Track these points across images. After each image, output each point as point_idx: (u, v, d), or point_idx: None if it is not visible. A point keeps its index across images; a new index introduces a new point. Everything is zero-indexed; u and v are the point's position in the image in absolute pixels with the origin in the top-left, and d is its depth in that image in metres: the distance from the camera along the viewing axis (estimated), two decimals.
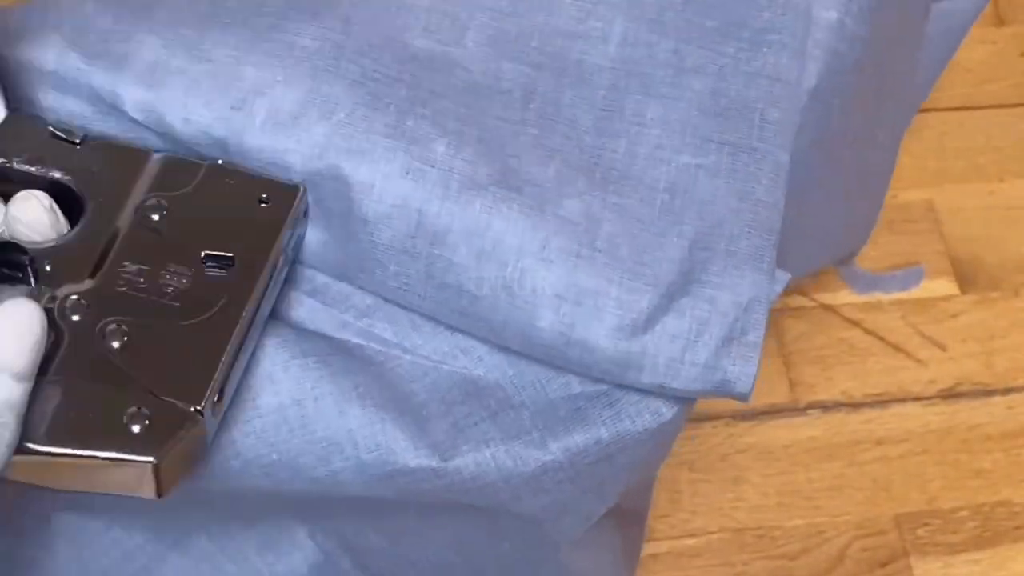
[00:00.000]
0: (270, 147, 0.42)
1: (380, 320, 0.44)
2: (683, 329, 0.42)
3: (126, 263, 0.39)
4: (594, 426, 0.43)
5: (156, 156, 0.42)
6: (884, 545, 0.76)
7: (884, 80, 0.56)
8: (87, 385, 0.36)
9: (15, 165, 0.40)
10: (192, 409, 0.36)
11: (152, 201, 0.40)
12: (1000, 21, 0.97)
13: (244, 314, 0.38)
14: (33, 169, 0.40)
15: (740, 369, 0.42)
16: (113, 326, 0.37)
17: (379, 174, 0.41)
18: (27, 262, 0.38)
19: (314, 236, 0.43)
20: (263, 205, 0.41)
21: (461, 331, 0.44)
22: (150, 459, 0.35)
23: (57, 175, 0.40)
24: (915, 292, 0.85)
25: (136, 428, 0.35)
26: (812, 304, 0.84)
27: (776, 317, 0.83)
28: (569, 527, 0.48)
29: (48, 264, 0.38)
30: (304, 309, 0.44)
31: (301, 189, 0.41)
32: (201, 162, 0.42)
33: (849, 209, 0.67)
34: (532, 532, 0.48)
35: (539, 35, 0.45)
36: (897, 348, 0.83)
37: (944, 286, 0.85)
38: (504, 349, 0.44)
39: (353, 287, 0.44)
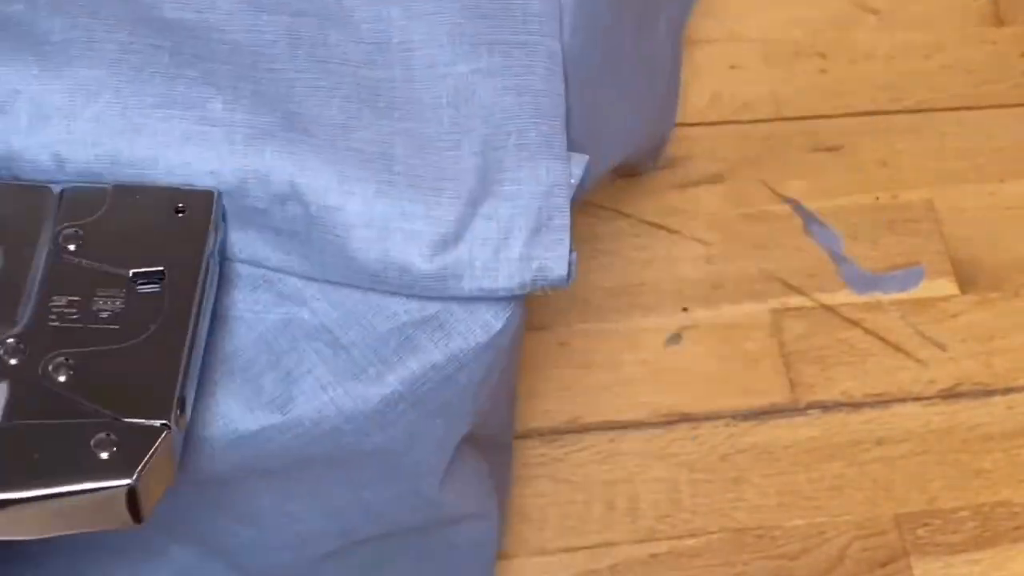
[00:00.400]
0: (40, 144, 0.41)
1: None
2: (491, 230, 0.43)
3: (54, 297, 0.38)
4: (427, 351, 0.44)
5: (58, 189, 0.41)
6: (884, 545, 0.76)
7: None
8: (44, 424, 0.35)
9: None
10: (159, 424, 0.36)
11: (67, 231, 0.39)
12: (1000, 21, 0.97)
13: (190, 323, 0.38)
14: None
15: (553, 255, 0.43)
16: (56, 361, 0.36)
17: (159, 146, 0.41)
18: None
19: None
20: (180, 215, 0.40)
21: (288, 274, 0.44)
22: (126, 482, 0.34)
23: None
24: (915, 292, 0.85)
25: (105, 455, 0.34)
26: (812, 304, 0.84)
27: (776, 317, 0.83)
28: (425, 457, 0.48)
29: None
30: None
31: (215, 193, 0.41)
32: (106, 185, 0.41)
33: (644, 98, 0.67)
34: (390, 472, 0.48)
35: None
36: (897, 348, 0.83)
37: (944, 286, 0.85)
38: (325, 292, 0.44)
39: None
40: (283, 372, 0.44)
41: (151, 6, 0.44)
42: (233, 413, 0.43)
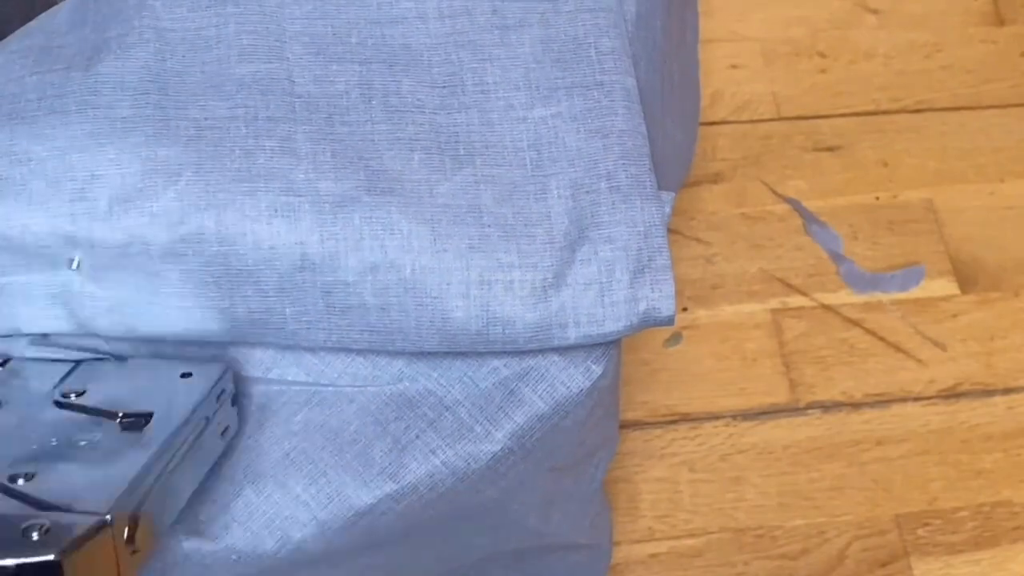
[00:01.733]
0: (124, 228, 0.40)
1: (287, 367, 0.44)
2: (593, 275, 0.42)
3: (45, 438, 0.39)
4: (532, 403, 0.43)
5: (78, 361, 0.42)
6: (884, 545, 0.76)
7: None
8: None
9: None
10: (95, 516, 0.36)
11: (73, 386, 0.40)
12: (1000, 21, 0.97)
13: (157, 445, 0.38)
14: None
15: (659, 295, 0.42)
16: (20, 470, 0.37)
17: (248, 220, 0.40)
18: None
19: (195, 311, 0.42)
20: (184, 379, 0.41)
21: (374, 352, 0.43)
22: (50, 556, 0.34)
23: None
24: (915, 292, 0.85)
25: (35, 535, 0.35)
26: (812, 304, 0.84)
27: (776, 317, 0.83)
28: (533, 498, 0.48)
29: None
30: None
31: (225, 368, 0.41)
32: (124, 358, 0.42)
33: (688, 116, 0.67)
34: (500, 519, 0.48)
35: (356, 30, 0.45)
36: (897, 348, 0.83)
37: (944, 286, 0.85)
38: (425, 354, 0.43)
39: (247, 347, 0.44)
40: (391, 441, 0.43)
41: (218, 60, 0.43)
42: (347, 489, 0.42)
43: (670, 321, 0.43)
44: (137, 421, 0.39)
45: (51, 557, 0.34)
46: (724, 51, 0.93)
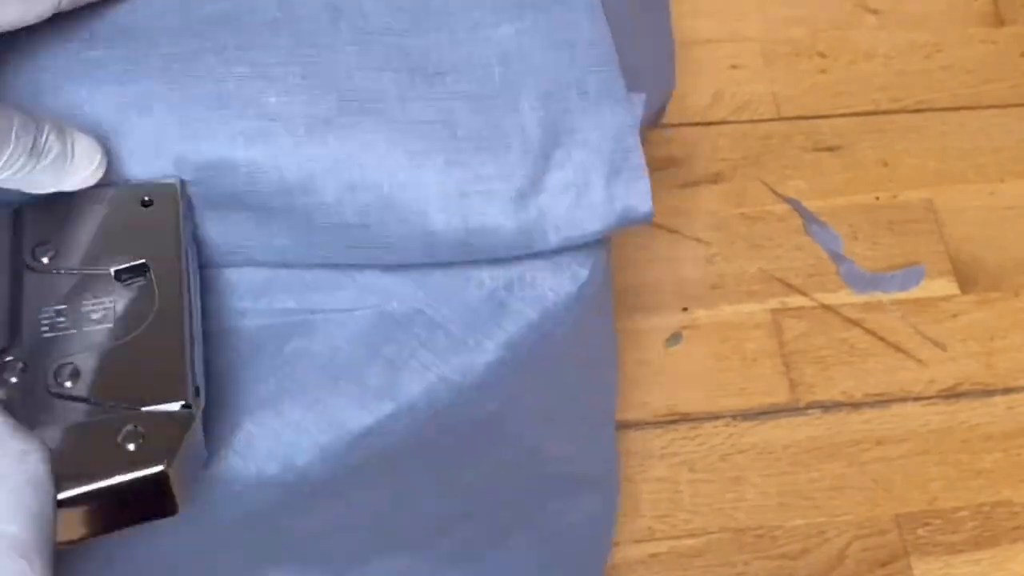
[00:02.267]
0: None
1: (277, 292, 0.44)
2: (569, 179, 0.43)
3: (42, 309, 0.38)
4: (521, 312, 0.44)
5: (16, 208, 0.41)
6: (884, 545, 0.76)
7: None
8: (63, 430, 0.35)
9: None
10: (179, 406, 0.36)
11: (36, 245, 0.39)
12: (1000, 21, 0.97)
13: (183, 309, 0.38)
14: None
15: (635, 191, 0.43)
16: (59, 368, 0.36)
17: (224, 147, 0.41)
18: None
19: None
20: (147, 208, 0.40)
21: (361, 270, 0.44)
22: (159, 468, 0.34)
23: None
24: (915, 292, 0.85)
25: (132, 446, 0.35)
26: (812, 304, 0.84)
27: (776, 317, 0.83)
28: (534, 416, 0.48)
29: None
30: (199, 313, 0.43)
31: (178, 183, 0.41)
32: (63, 197, 0.41)
33: (658, 35, 0.68)
34: (504, 438, 0.48)
35: None
36: (897, 348, 0.83)
37: (944, 286, 0.85)
38: (409, 273, 0.44)
39: (238, 268, 0.44)
40: (384, 362, 0.43)
41: (186, 3, 0.44)
42: (344, 413, 0.43)
43: (647, 218, 0.44)
44: (135, 275, 0.38)
45: (160, 468, 0.34)
46: (724, 51, 0.94)
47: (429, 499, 0.50)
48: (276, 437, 0.42)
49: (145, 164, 0.41)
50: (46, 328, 0.37)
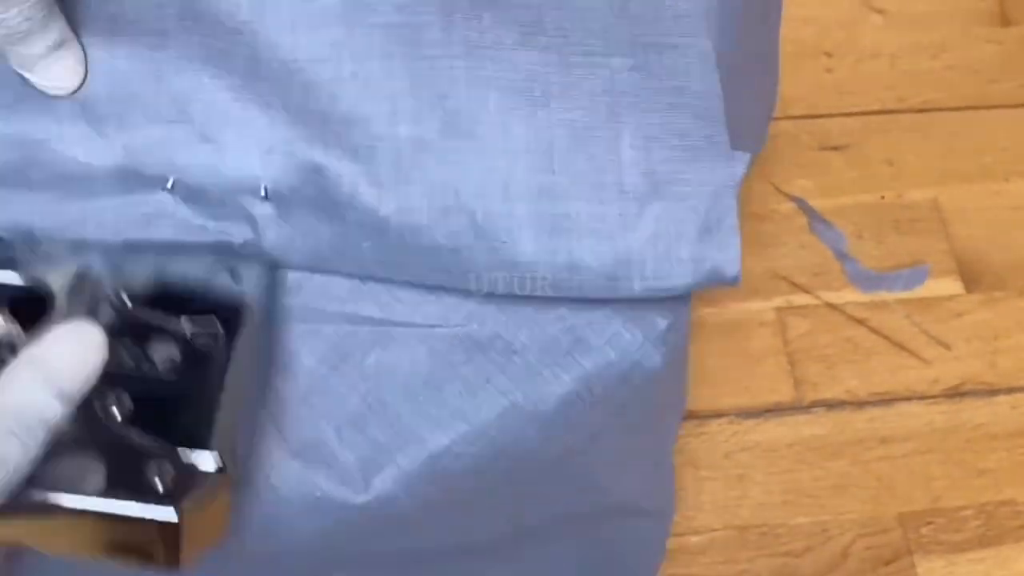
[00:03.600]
0: (217, 152, 0.41)
1: (363, 302, 0.44)
2: (661, 230, 0.42)
3: (111, 341, 0.38)
4: (599, 350, 0.44)
5: (113, 247, 0.42)
6: (888, 544, 0.76)
7: None
8: (100, 453, 0.36)
9: None
10: (213, 470, 0.36)
11: (122, 285, 0.40)
12: (1007, 21, 0.97)
13: (239, 365, 0.39)
14: None
15: (725, 255, 0.42)
16: (114, 398, 0.37)
17: (332, 159, 0.41)
18: (7, 353, 0.37)
19: (278, 231, 0.43)
20: (233, 274, 0.41)
21: (446, 291, 0.44)
22: (171, 517, 0.35)
23: (16, 281, 0.40)
24: (920, 291, 0.85)
25: (159, 483, 0.35)
26: (817, 303, 0.84)
27: (780, 315, 0.83)
28: (605, 455, 0.48)
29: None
30: (285, 310, 0.44)
31: (262, 265, 0.42)
32: (153, 248, 0.42)
33: (761, 95, 0.67)
34: (570, 471, 0.48)
35: None
36: (902, 347, 0.83)
37: (949, 285, 0.85)
38: (493, 298, 0.44)
39: (328, 276, 0.44)
40: (462, 383, 0.44)
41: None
42: (422, 431, 0.43)
43: (735, 281, 0.43)
44: (205, 328, 0.39)
45: (172, 519, 0.34)
46: None
47: (492, 520, 0.50)
48: (356, 453, 0.43)
49: (252, 158, 0.41)
50: (113, 363, 0.38)
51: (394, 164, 0.41)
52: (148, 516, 0.35)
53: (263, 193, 0.42)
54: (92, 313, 0.39)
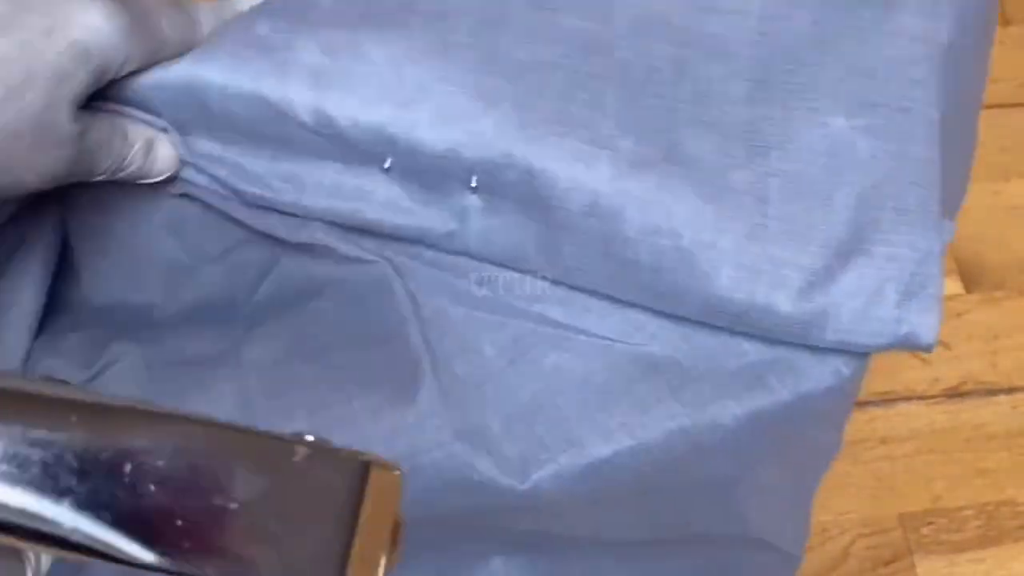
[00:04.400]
0: (441, 140, 0.43)
1: (551, 304, 0.45)
2: (863, 286, 0.42)
3: None
4: (775, 390, 0.44)
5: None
6: (888, 544, 0.76)
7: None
8: None
9: None
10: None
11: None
12: (1006, 21, 0.97)
13: None
14: None
15: (924, 321, 0.42)
16: None
17: (550, 159, 0.42)
18: None
19: (482, 224, 0.44)
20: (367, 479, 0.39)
21: (632, 307, 0.45)
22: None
23: None
24: None
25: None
26: None
27: None
28: (756, 491, 0.49)
29: None
30: (475, 299, 0.45)
31: (401, 473, 0.37)
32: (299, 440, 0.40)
33: (964, 160, 0.68)
34: (719, 499, 0.49)
35: (680, 13, 0.46)
36: None
37: (949, 285, 0.85)
38: (677, 324, 0.44)
39: (522, 274, 0.45)
40: (634, 400, 0.44)
41: (554, 10, 0.45)
42: (587, 438, 0.44)
43: (929, 348, 0.43)
44: None
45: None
46: None
47: (632, 519, 0.50)
48: (520, 446, 0.43)
49: (480, 150, 0.43)
50: None
51: (612, 175, 0.42)
52: None
53: (473, 184, 0.43)
54: None
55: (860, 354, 0.44)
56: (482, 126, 0.43)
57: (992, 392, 0.82)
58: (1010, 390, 0.82)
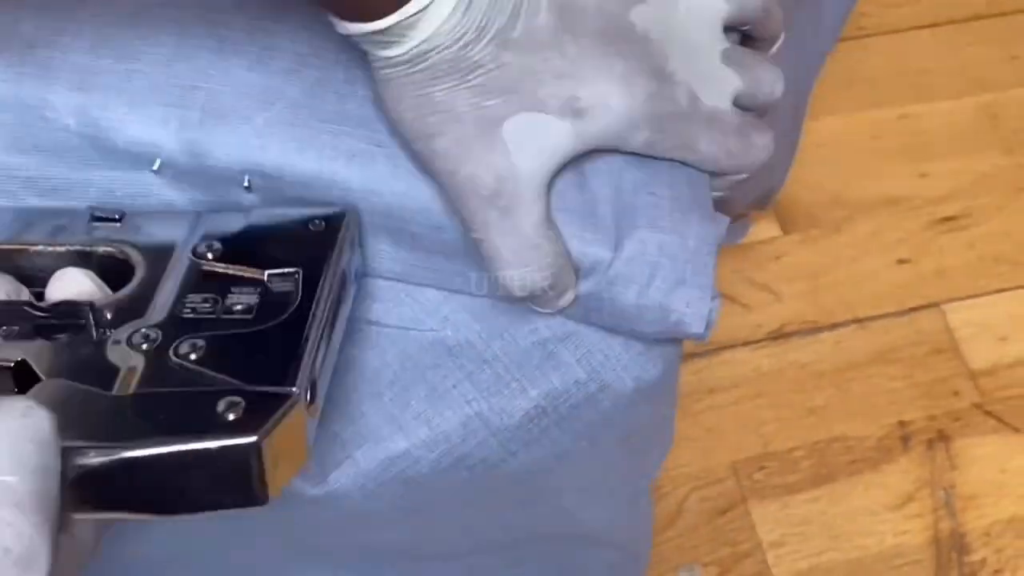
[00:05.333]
0: (211, 140, 0.42)
1: None
2: (635, 274, 0.42)
3: (190, 296, 0.40)
4: (569, 367, 0.44)
5: (197, 212, 0.43)
6: (722, 493, 0.76)
7: (803, 28, 0.57)
8: (172, 392, 0.36)
9: (59, 249, 0.42)
10: (286, 390, 0.36)
11: (204, 244, 0.41)
12: None
13: (317, 308, 0.39)
14: (78, 248, 0.42)
15: (693, 310, 0.42)
16: (187, 343, 0.37)
17: (326, 159, 0.42)
18: (88, 311, 0.38)
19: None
20: (315, 229, 0.42)
21: (424, 289, 0.44)
22: (251, 439, 0.34)
23: (101, 249, 0.41)
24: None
25: (231, 416, 0.35)
26: None
27: None
28: (572, 481, 0.48)
29: (108, 312, 0.39)
30: None
31: (348, 213, 0.42)
32: (242, 209, 0.43)
33: (781, 150, 0.68)
34: (534, 493, 0.48)
35: None
36: (724, 296, 0.82)
37: (767, 228, 0.86)
38: (470, 303, 0.44)
39: None
40: (428, 388, 0.44)
41: None
42: (383, 431, 0.43)
43: (700, 338, 0.43)
44: (285, 280, 0.40)
45: (252, 439, 0.34)
46: None
47: (450, 530, 0.50)
48: (317, 446, 0.42)
49: (251, 152, 0.42)
50: (188, 310, 0.39)
51: (390, 172, 0.42)
52: (221, 445, 0.34)
53: (246, 184, 0.42)
54: (174, 271, 0.41)
55: (655, 345, 0.44)
56: (254, 125, 0.42)
57: (815, 330, 0.82)
58: (833, 326, 0.82)
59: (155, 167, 0.42)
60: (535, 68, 0.39)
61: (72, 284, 0.40)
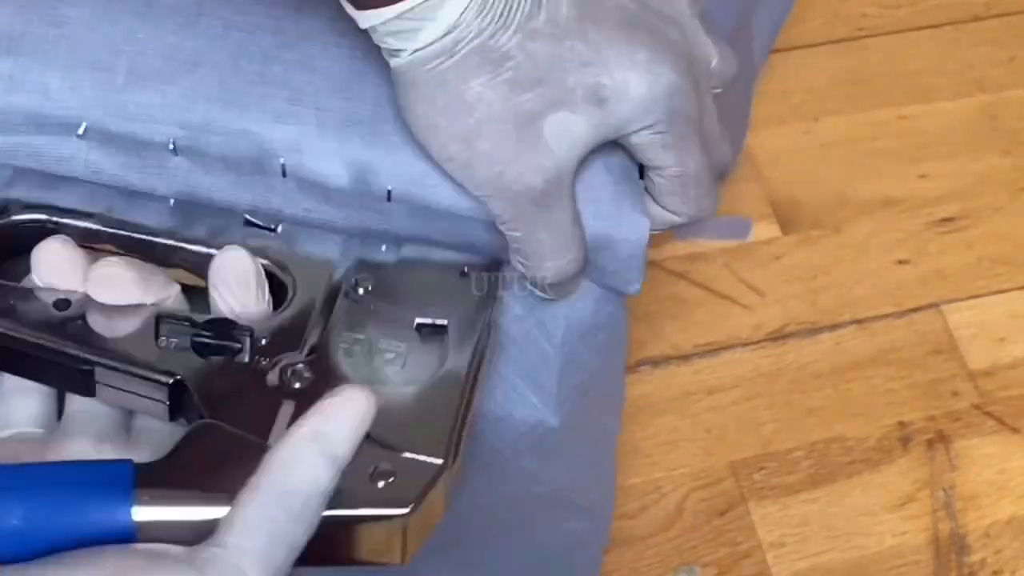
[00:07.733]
0: (135, 103, 0.42)
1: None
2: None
3: (343, 332, 0.40)
4: (503, 299, 0.45)
5: (347, 235, 0.44)
6: (722, 494, 0.76)
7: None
8: None
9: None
10: (437, 462, 0.37)
11: (356, 277, 0.42)
12: None
13: (467, 376, 0.40)
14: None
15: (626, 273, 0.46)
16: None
17: (251, 121, 0.42)
18: (247, 336, 0.39)
19: (212, 183, 0.43)
20: (464, 278, 0.43)
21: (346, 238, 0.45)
22: (402, 512, 0.36)
23: (261, 262, 0.42)
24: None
25: (381, 484, 0.36)
26: None
27: None
28: (524, 431, 0.48)
29: (264, 338, 0.39)
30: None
31: (502, 264, 0.43)
32: (396, 240, 0.44)
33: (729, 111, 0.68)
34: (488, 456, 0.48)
35: None
36: (724, 296, 0.83)
37: (766, 229, 0.85)
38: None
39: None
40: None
41: None
42: None
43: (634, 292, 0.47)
44: (436, 331, 0.41)
45: (403, 512, 0.36)
46: None
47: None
48: None
49: (173, 114, 0.42)
50: (343, 350, 0.40)
51: (318, 132, 0.42)
52: (374, 514, 0.36)
53: (171, 147, 0.42)
54: (328, 302, 0.41)
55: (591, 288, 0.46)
56: (181, 88, 0.42)
57: (815, 331, 0.82)
58: (832, 327, 0.82)
59: (80, 131, 0.42)
60: (562, 57, 0.39)
61: (236, 264, 0.40)
